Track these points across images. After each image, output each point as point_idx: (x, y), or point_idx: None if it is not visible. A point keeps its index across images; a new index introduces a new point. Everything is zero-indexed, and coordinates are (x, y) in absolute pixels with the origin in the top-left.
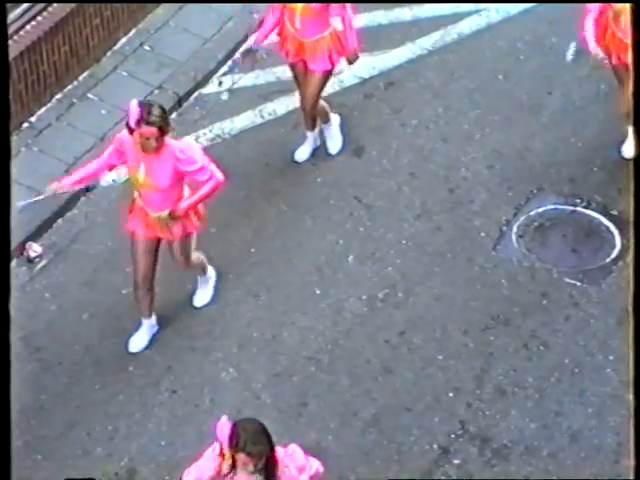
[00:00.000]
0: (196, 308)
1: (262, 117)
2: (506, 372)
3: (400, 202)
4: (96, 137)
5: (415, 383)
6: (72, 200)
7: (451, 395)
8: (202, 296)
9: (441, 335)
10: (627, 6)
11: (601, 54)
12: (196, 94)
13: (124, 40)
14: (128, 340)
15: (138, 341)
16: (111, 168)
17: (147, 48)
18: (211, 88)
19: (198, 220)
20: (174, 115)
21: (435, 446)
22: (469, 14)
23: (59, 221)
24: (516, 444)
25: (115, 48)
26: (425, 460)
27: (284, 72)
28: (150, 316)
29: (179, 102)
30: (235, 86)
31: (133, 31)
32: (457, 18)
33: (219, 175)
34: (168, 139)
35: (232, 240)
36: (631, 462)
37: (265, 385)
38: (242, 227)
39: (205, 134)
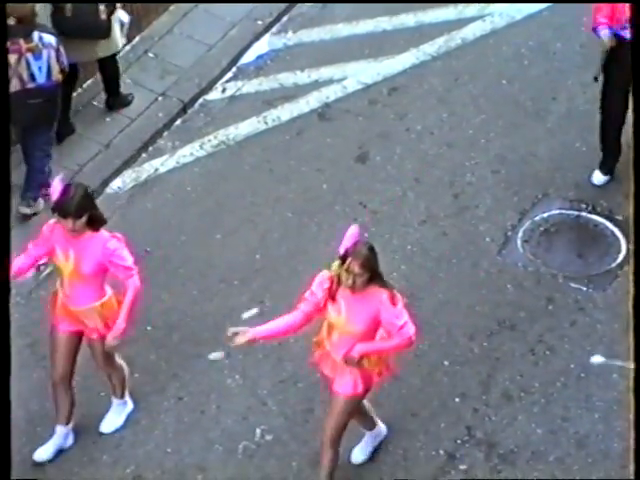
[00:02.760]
0: (101, 434)
1: (266, 123)
2: (512, 377)
3: (405, 208)
4: (101, 144)
5: (421, 389)
6: None
7: (457, 401)
8: (110, 422)
9: (447, 340)
10: (343, 320)
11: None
12: (200, 101)
13: (128, 47)
14: (132, 347)
15: (43, 452)
16: (38, 261)
17: (151, 55)
18: (215, 95)
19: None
20: (178, 122)
21: (441, 452)
22: (473, 20)
23: None
24: (523, 449)
25: (119, 55)
26: (431, 466)
27: (287, 79)
28: (67, 422)
29: (184, 109)
30: (238, 93)
31: (137, 38)
32: (461, 24)
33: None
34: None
35: (237, 246)
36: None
37: (271, 391)
38: (247, 233)
39: (210, 141)
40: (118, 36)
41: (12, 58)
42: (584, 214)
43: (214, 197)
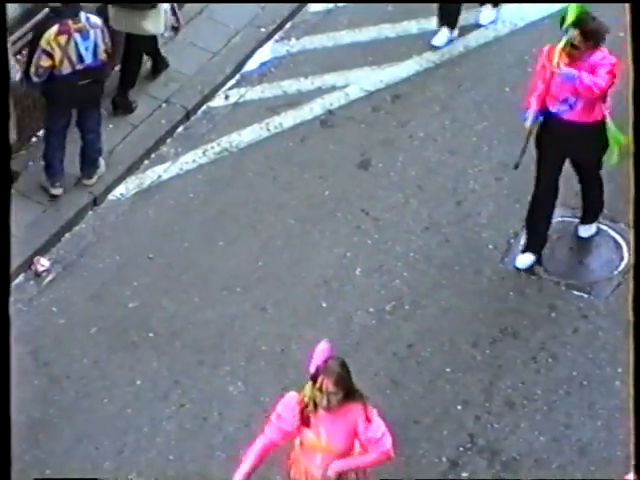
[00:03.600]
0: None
1: (268, 130)
2: (515, 385)
3: (407, 215)
4: (104, 151)
5: (423, 396)
6: (80, 214)
7: (460, 408)
8: None
9: (449, 348)
10: (324, 443)
11: None
12: (204, 108)
13: None
14: (134, 354)
15: None
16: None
17: None
18: (218, 102)
19: None
20: (181, 129)
21: (444, 459)
22: (477, 27)
23: (67, 235)
24: (525, 457)
25: None
26: (434, 473)
27: (290, 86)
28: None
29: (187, 116)
30: (242, 100)
31: None
32: (464, 31)
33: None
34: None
35: (239, 253)
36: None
37: (273, 399)
38: (249, 240)
39: (213, 148)
40: (162, 16)
41: (62, 39)
42: None
43: (217, 204)
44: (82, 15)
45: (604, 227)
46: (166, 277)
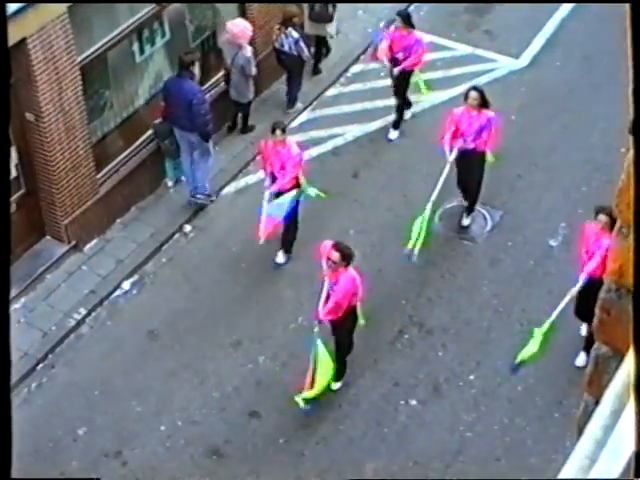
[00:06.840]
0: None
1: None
2: (432, 290)
3: (378, 202)
4: (218, 168)
5: (387, 296)
6: (205, 204)
7: (404, 302)
8: None
9: (401, 274)
10: None
11: None
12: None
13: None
14: (230, 280)
15: None
16: None
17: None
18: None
19: None
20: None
21: (395, 329)
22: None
23: (200, 213)
24: (437, 326)
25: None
26: (391, 334)
27: (315, 134)
28: None
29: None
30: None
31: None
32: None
33: None
34: None
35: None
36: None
37: (305, 304)
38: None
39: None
40: (335, 27)
41: (277, 31)
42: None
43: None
44: (290, 29)
45: (480, 209)
46: (248, 229)
